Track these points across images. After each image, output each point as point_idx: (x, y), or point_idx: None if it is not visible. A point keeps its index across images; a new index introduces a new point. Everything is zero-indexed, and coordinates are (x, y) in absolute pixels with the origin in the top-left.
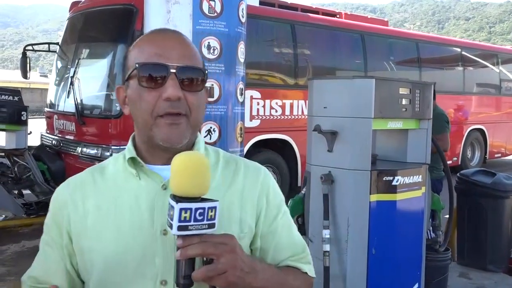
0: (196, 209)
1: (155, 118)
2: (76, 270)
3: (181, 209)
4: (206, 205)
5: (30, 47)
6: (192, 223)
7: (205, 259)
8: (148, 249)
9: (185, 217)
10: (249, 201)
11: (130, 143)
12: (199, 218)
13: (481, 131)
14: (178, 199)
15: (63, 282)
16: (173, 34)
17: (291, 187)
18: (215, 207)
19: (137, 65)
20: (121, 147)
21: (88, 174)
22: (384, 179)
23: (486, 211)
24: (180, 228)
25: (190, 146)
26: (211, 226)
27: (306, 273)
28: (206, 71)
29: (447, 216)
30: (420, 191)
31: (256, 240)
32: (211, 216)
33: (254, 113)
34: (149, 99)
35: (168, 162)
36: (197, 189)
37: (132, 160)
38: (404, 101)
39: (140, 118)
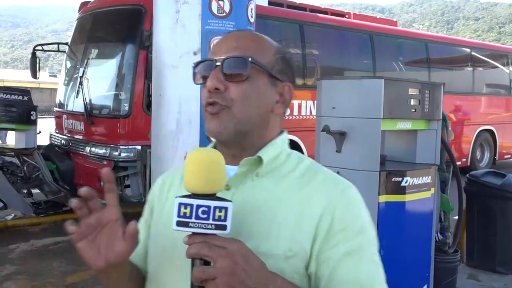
0: (198, 206)
1: (204, 110)
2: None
3: (180, 204)
4: (212, 203)
5: (39, 47)
6: (193, 220)
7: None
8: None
9: (184, 213)
10: (309, 218)
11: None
12: (202, 216)
13: (490, 132)
14: (191, 195)
15: (141, 260)
16: (236, 32)
17: None
18: (225, 208)
19: (193, 65)
20: (130, 147)
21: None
22: (393, 180)
23: (495, 212)
24: (179, 223)
25: (258, 147)
26: (221, 227)
27: None
28: (252, 60)
29: (456, 217)
30: (429, 192)
31: (311, 264)
32: (219, 216)
33: None
34: (202, 94)
35: (232, 161)
36: (205, 185)
37: None
38: (413, 102)
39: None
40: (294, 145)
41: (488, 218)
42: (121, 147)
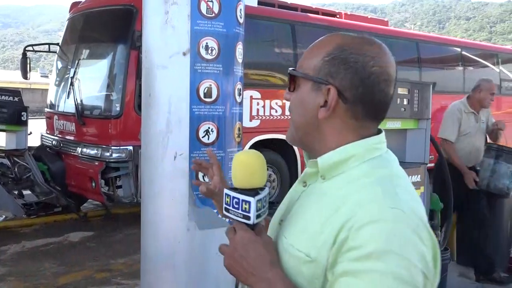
0: (233, 198)
1: None
2: None
3: (226, 194)
4: (240, 197)
5: (30, 48)
6: (231, 208)
7: None
8: None
9: (227, 202)
10: (331, 226)
11: None
12: (235, 206)
13: None
14: (235, 189)
15: None
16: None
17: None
18: (249, 202)
19: None
20: (121, 147)
21: None
22: None
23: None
24: (225, 209)
25: (320, 152)
26: (246, 217)
27: None
28: (295, 70)
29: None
30: (419, 191)
31: (328, 273)
32: (245, 208)
33: (254, 113)
34: None
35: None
36: (245, 183)
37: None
38: (402, 101)
39: None
40: (284, 144)
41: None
42: (112, 147)
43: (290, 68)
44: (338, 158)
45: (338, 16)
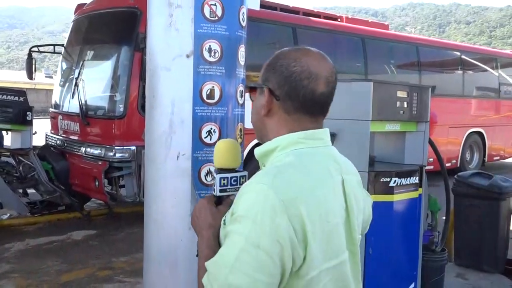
0: (231, 177)
1: None
2: None
3: (220, 178)
4: (239, 174)
5: (35, 49)
6: (229, 187)
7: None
8: None
9: (223, 183)
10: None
11: None
12: (233, 183)
13: (480, 134)
14: (218, 171)
15: None
16: None
17: None
18: (245, 175)
19: None
20: (124, 147)
21: None
22: (381, 180)
23: (482, 212)
24: (221, 191)
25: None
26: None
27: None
28: (248, 85)
29: (445, 218)
30: (417, 192)
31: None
32: (243, 182)
33: None
34: None
35: None
36: (229, 163)
37: None
38: (401, 104)
39: None
40: None
41: (475, 218)
42: (116, 147)
43: (249, 84)
44: (266, 148)
45: (339, 19)
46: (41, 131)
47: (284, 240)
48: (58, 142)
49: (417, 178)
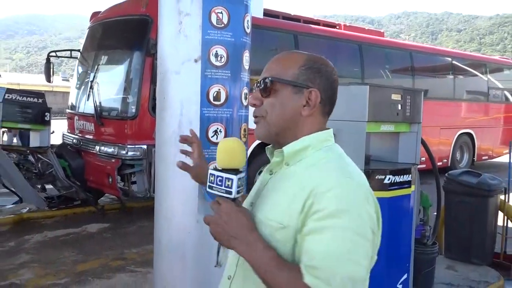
0: (217, 176)
1: None
2: None
3: (210, 174)
4: (223, 175)
5: (53, 54)
6: (214, 185)
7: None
8: None
9: (211, 180)
10: (301, 199)
11: None
12: (219, 183)
13: (469, 135)
14: (219, 169)
15: None
16: (276, 56)
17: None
18: (231, 180)
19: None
20: (136, 146)
21: None
22: (376, 177)
23: (471, 208)
24: (209, 187)
25: (284, 143)
26: (228, 192)
27: (305, 284)
28: (271, 78)
29: (435, 213)
30: (410, 189)
31: (297, 236)
32: (228, 185)
33: None
34: None
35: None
36: (226, 162)
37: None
38: (396, 106)
39: None
40: None
41: (465, 214)
42: (128, 146)
43: (269, 78)
44: (300, 146)
45: (338, 27)
46: (58, 131)
47: (374, 228)
48: (74, 141)
49: (410, 176)
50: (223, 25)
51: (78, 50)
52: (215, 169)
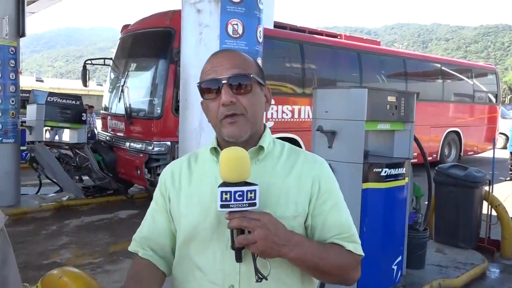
0: (235, 192)
1: (220, 121)
2: (175, 232)
3: (221, 192)
4: (245, 188)
5: (89, 62)
6: (232, 202)
7: (246, 230)
8: (222, 220)
9: (226, 198)
10: (305, 186)
11: (214, 136)
12: (238, 198)
13: (456, 133)
14: (225, 184)
15: (168, 241)
16: (224, 52)
17: None
18: (254, 190)
19: (197, 84)
20: (161, 142)
21: (185, 158)
22: (374, 170)
23: (459, 198)
24: (222, 206)
25: (257, 139)
26: (252, 204)
27: (350, 251)
28: (251, 75)
29: (427, 202)
30: (404, 181)
31: (308, 219)
32: (250, 197)
33: (269, 116)
34: (213, 107)
35: None
36: (237, 176)
37: (214, 149)
38: (391, 107)
39: (212, 122)
40: (294, 142)
41: (453, 203)
42: (154, 142)
43: (251, 74)
44: (269, 141)
45: (339, 37)
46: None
47: None
48: (107, 138)
49: (404, 169)
50: (238, 35)
51: (111, 59)
52: (226, 184)
